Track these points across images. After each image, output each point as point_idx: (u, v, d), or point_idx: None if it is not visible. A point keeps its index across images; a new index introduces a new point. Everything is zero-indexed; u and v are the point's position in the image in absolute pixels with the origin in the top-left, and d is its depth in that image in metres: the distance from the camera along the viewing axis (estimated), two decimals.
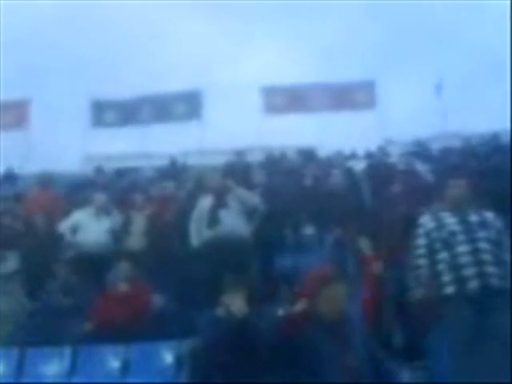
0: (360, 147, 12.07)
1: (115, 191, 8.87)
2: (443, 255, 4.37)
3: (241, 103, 18.26)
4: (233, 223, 5.93)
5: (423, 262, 4.46)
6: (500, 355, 4.13)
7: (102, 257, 6.26)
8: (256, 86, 16.52)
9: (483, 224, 4.39)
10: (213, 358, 4.15)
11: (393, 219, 5.66)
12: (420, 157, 9.52)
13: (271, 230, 6.82)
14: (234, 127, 16.76)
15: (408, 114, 18.02)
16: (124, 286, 5.39)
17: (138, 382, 4.64)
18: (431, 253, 4.44)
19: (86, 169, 12.55)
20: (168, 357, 4.68)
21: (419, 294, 4.47)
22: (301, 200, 6.96)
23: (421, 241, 4.53)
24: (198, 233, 6.03)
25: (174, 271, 6.08)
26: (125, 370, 4.70)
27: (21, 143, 15.66)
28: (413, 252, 4.56)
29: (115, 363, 4.71)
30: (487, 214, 4.50)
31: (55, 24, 23.78)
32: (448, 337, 4.34)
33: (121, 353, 4.78)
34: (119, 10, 23.06)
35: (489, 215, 4.50)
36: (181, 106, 16.37)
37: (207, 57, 24.82)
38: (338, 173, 7.26)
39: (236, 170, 9.25)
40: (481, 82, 18.09)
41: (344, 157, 10.22)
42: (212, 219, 5.96)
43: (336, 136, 14.66)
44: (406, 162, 8.25)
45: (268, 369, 3.47)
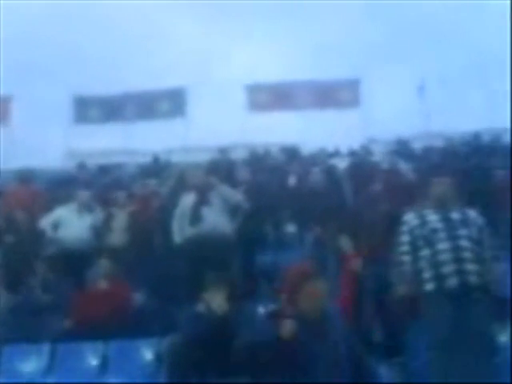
0: (344, 145, 12.12)
1: (97, 188, 8.81)
2: (425, 252, 4.41)
3: (225, 100, 18.20)
4: (215, 221, 5.92)
5: (406, 259, 4.50)
6: (477, 352, 4.19)
7: (83, 254, 6.22)
8: (240, 84, 16.53)
9: (465, 222, 4.43)
10: (192, 355, 4.16)
11: (374, 217, 5.68)
12: (402, 156, 9.57)
13: (253, 228, 6.82)
14: (219, 124, 16.71)
15: (392, 113, 18.07)
16: (104, 283, 5.37)
17: (117, 380, 4.61)
18: (414, 250, 4.47)
19: (69, 165, 12.45)
20: (147, 354, 4.67)
21: (402, 291, 4.52)
22: (283, 198, 6.97)
23: (404, 238, 4.56)
24: (181, 230, 6.00)
25: (155, 268, 6.06)
26: (103, 368, 4.68)
27: (3, 139, 15.51)
28: (396, 249, 4.60)
29: (94, 360, 4.69)
30: (469, 212, 4.55)
31: (39, 20, 23.52)
32: (427, 333, 4.39)
33: (99, 350, 4.75)
34: (105, 8, 22.85)
35: (471, 213, 4.55)
36: (165, 104, 16.32)
37: (192, 54, 24.72)
38: (318, 171, 7.26)
39: (219, 168, 9.23)
40: (463, 83, 18.19)
41: (327, 155, 10.25)
42: (194, 216, 5.94)
43: (320, 134, 14.66)
44: (389, 161, 8.31)
45: (248, 366, 3.46)
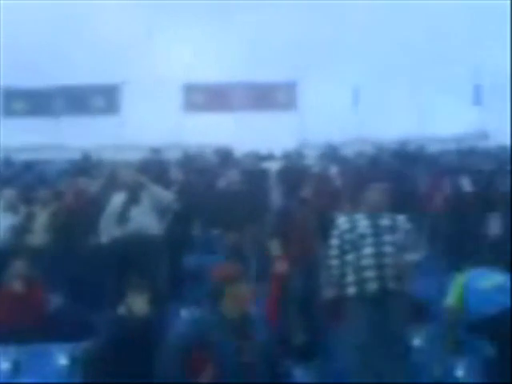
0: (278, 148, 12.21)
1: (21, 185, 8.46)
2: (350, 257, 4.51)
3: (161, 99, 17.95)
4: (144, 221, 5.82)
5: (334, 263, 4.58)
6: (393, 354, 4.30)
7: (1, 255, 5.95)
8: (177, 83, 16.36)
9: (392, 228, 4.55)
10: (112, 358, 4.06)
11: (303, 220, 5.73)
12: (333, 160, 9.74)
13: (181, 229, 6.75)
14: (153, 123, 16.47)
15: (327, 118, 18.37)
16: (18, 285, 5.14)
17: None
18: (342, 254, 4.56)
19: None
20: (62, 359, 4.51)
21: (328, 294, 4.59)
22: (211, 200, 6.93)
23: (334, 242, 4.66)
24: (108, 230, 5.86)
25: (76, 270, 5.87)
26: (15, 372, 4.49)
27: None
28: (327, 252, 4.68)
29: (5, 364, 4.50)
30: (398, 218, 4.67)
31: None
32: (346, 336, 4.47)
33: (11, 354, 4.55)
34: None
35: (399, 219, 4.67)
36: (98, 100, 15.93)
37: (128, 52, 24.22)
38: (236, 173, 7.25)
39: (151, 167, 9.10)
40: (396, 90, 18.78)
41: (260, 157, 10.28)
42: (122, 216, 5.83)
43: (255, 136, 14.72)
44: (319, 165, 8.44)
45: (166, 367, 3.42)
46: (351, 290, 4.44)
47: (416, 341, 5.29)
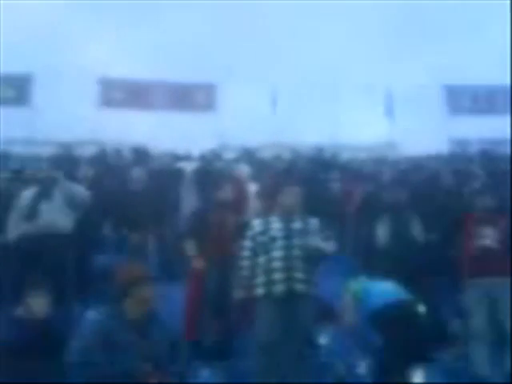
0: (196, 149, 12.16)
1: None
2: (261, 259, 4.58)
3: (77, 93, 17.37)
4: (54, 217, 5.62)
5: (246, 264, 4.64)
6: (300, 356, 4.40)
7: None
8: (94, 77, 15.88)
9: (304, 231, 4.65)
10: (8, 361, 3.90)
11: (220, 222, 5.75)
12: (250, 163, 9.81)
13: (92, 228, 6.57)
14: (68, 118, 15.91)
15: (246, 120, 18.55)
16: None
17: None
18: (254, 255, 4.64)
19: None
20: None
21: (238, 295, 4.63)
22: (121, 199, 6.78)
23: (247, 243, 4.73)
24: (16, 226, 5.60)
25: None
26: None
27: None
28: (240, 254, 4.72)
29: None
30: (311, 221, 4.77)
31: None
32: (254, 337, 4.53)
33: None
34: None
35: (312, 222, 4.77)
36: (8, 90, 15.14)
37: (44, 40, 23.30)
38: (142, 172, 7.15)
39: (64, 163, 8.80)
40: (313, 96, 19.25)
41: (176, 157, 10.18)
42: (31, 211, 5.61)
43: (174, 135, 14.59)
44: (235, 167, 8.49)
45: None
46: (260, 291, 4.52)
47: (322, 340, 5.48)
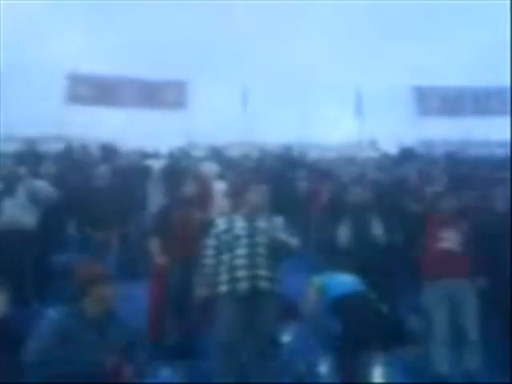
0: (165, 146, 12.08)
1: None
2: (225, 257, 4.58)
3: (44, 89, 17.07)
4: (16, 213, 5.57)
5: (209, 262, 4.63)
6: (262, 354, 4.42)
7: None
8: (62, 73, 15.61)
9: (268, 229, 4.65)
10: None
11: (185, 220, 5.73)
12: (218, 161, 9.81)
13: (55, 225, 6.48)
14: (34, 113, 15.61)
15: (216, 118, 18.50)
16: None
17: None
18: (217, 254, 4.63)
19: None
20: None
21: (201, 293, 4.62)
22: (86, 197, 6.70)
23: (210, 241, 4.73)
24: None
25: None
26: None
27: None
28: (203, 252, 4.71)
29: None
30: (276, 220, 4.79)
31: None
32: (216, 335, 4.53)
33: None
34: None
35: (277, 220, 4.78)
36: None
37: (11, 35, 22.84)
38: (106, 169, 7.09)
39: (28, 159, 8.67)
40: (285, 95, 19.36)
41: (145, 154, 10.12)
42: None
43: (143, 133, 14.46)
44: (203, 165, 8.49)
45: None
46: (223, 289, 4.52)
47: (285, 338, 5.50)
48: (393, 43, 29.32)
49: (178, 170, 8.06)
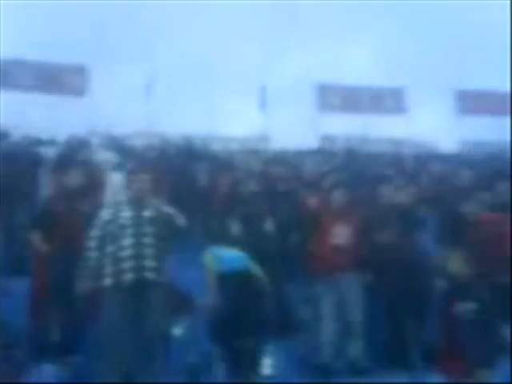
0: (63, 134, 11.52)
1: None
2: (110, 248, 4.44)
3: None
4: None
5: (93, 255, 4.47)
6: (150, 349, 4.33)
7: None
8: None
9: (155, 219, 4.54)
10: None
11: (65, 211, 5.48)
12: (117, 151, 9.53)
13: None
14: None
15: (118, 107, 17.98)
16: None
17: None
18: (102, 245, 4.47)
19: None
20: None
21: (84, 287, 4.45)
22: None
23: (94, 232, 4.54)
24: None
25: None
26: None
27: None
28: (86, 244, 4.53)
29: None
30: (165, 210, 4.68)
31: None
32: (102, 329, 4.39)
33: None
34: None
35: (166, 210, 4.68)
36: None
37: None
38: None
39: None
40: (190, 86, 19.15)
41: (38, 142, 9.59)
42: None
43: (40, 119, 13.77)
44: (99, 155, 8.22)
45: None
46: (107, 281, 4.37)
47: (177, 331, 5.45)
48: (297, 40, 29.92)
49: (70, 160, 7.73)
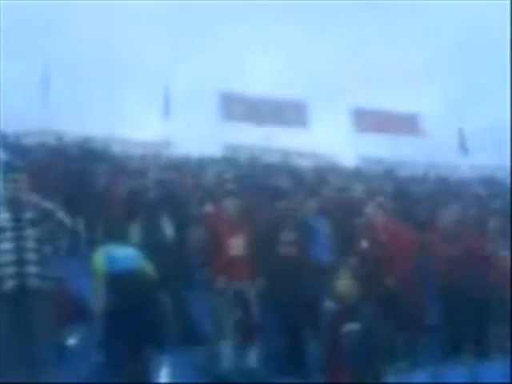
0: None
1: None
2: None
3: None
4: None
5: None
6: (38, 359, 4.06)
7: None
8: None
9: (37, 222, 4.26)
10: None
11: None
12: (9, 150, 9.05)
13: None
14: None
15: (14, 102, 16.95)
16: None
17: None
18: None
19: None
20: None
21: None
22: None
23: None
24: None
25: None
26: None
27: None
28: None
29: None
30: (46, 205, 4.37)
31: None
32: None
33: None
34: None
35: (48, 205, 4.38)
36: None
37: None
38: None
39: None
40: (92, 86, 18.52)
41: None
42: None
43: None
44: None
45: None
46: None
47: (71, 340, 5.21)
48: (205, 46, 30.03)
49: None
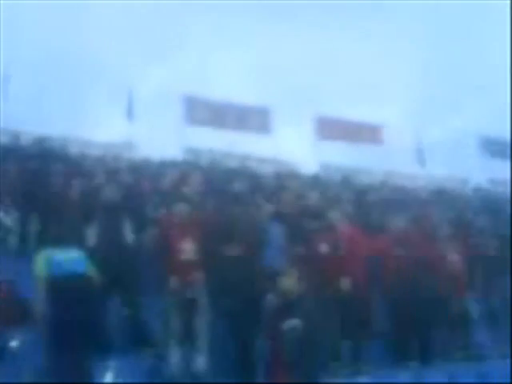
0: None
1: None
2: None
3: None
4: None
5: None
6: None
7: None
8: None
9: None
10: None
11: None
12: None
13: None
14: None
15: None
16: None
17: None
18: None
19: None
20: None
21: None
22: None
23: None
24: None
25: None
26: None
27: None
28: None
29: None
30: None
31: None
32: None
33: None
34: None
35: None
36: None
37: None
38: None
39: None
40: (52, 84, 18.19)
41: None
42: None
43: None
44: None
45: None
46: None
47: (13, 344, 5.10)
48: (169, 49, 29.97)
49: None
